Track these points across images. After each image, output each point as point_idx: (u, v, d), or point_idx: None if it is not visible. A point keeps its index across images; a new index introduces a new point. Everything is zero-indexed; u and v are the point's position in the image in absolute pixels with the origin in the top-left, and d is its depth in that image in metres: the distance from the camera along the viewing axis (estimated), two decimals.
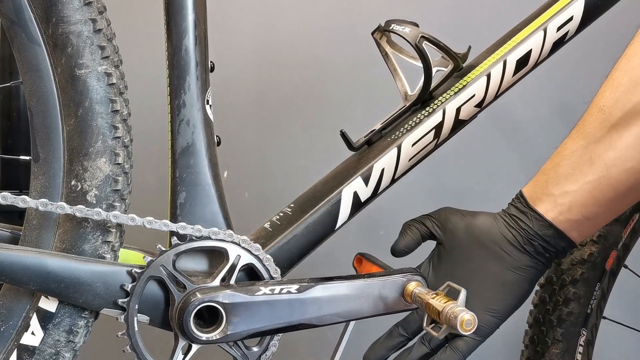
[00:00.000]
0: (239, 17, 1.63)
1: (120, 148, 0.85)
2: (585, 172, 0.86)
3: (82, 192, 0.84)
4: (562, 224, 0.88)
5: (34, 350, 0.85)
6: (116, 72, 0.85)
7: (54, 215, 0.84)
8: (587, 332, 1.05)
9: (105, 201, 0.85)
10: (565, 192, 0.87)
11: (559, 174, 0.88)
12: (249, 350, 0.89)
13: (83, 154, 0.84)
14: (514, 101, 1.50)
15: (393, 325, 0.95)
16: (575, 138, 0.88)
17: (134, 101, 0.91)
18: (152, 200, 1.13)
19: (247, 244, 0.87)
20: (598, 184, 0.85)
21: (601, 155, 0.85)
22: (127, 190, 0.88)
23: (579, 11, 0.93)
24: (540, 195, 0.89)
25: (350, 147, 0.95)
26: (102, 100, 0.83)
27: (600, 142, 0.85)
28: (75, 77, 0.83)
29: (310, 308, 0.86)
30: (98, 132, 0.84)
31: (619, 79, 0.86)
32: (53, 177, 0.84)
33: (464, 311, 0.80)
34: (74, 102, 0.83)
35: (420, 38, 0.90)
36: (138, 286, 0.84)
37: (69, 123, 0.83)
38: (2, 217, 1.01)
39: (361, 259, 0.96)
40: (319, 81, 1.63)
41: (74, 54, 0.82)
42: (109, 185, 0.85)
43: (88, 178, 0.84)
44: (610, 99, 0.85)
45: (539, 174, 0.91)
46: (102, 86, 0.83)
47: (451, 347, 0.90)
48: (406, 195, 1.44)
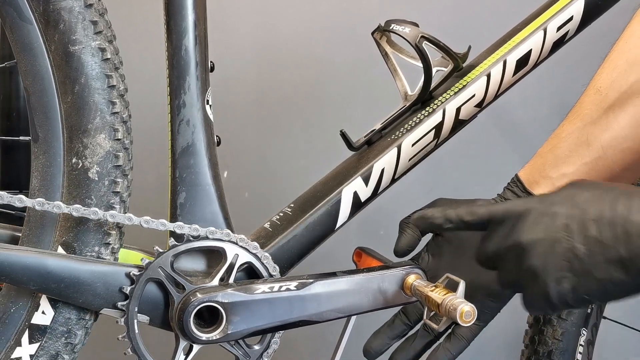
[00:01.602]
0: (239, 17, 1.63)
1: (119, 123, 0.85)
2: (582, 153, 0.86)
3: (83, 169, 0.84)
4: None
5: (45, 329, 0.85)
6: (110, 48, 0.84)
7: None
8: (587, 331, 1.05)
9: (108, 177, 0.84)
10: (562, 175, 0.87)
11: (557, 156, 0.88)
12: (250, 349, 0.89)
13: (82, 131, 0.83)
14: (514, 101, 1.50)
15: (394, 315, 0.95)
16: (572, 120, 0.88)
17: (134, 101, 0.91)
18: (152, 200, 1.13)
19: (244, 242, 0.87)
20: (595, 165, 0.86)
21: (598, 136, 0.85)
22: (129, 166, 0.87)
23: (579, 11, 0.93)
24: (537, 178, 0.89)
25: (350, 147, 0.95)
26: (97, 76, 0.83)
27: (596, 123, 0.86)
28: (69, 53, 0.82)
29: (310, 304, 0.86)
30: (96, 109, 0.83)
31: (616, 60, 0.87)
32: (54, 156, 0.84)
33: (463, 303, 0.80)
34: (70, 79, 0.83)
35: (420, 38, 0.90)
36: (137, 289, 0.84)
37: (66, 101, 0.83)
38: (2, 217, 1.01)
39: (360, 253, 0.97)
40: (319, 81, 1.63)
41: (67, 31, 0.82)
42: (110, 161, 0.84)
43: (89, 155, 0.84)
44: (607, 80, 0.86)
45: (535, 157, 0.91)
46: (97, 62, 0.83)
47: (455, 334, 0.91)
48: (406, 195, 1.44)
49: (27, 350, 0.84)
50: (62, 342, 0.85)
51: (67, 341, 0.85)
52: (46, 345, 0.85)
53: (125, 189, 0.86)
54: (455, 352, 0.91)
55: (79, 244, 0.84)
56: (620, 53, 0.86)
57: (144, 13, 1.58)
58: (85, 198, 0.84)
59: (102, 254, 0.85)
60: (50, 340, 0.85)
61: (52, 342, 0.85)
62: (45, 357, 0.85)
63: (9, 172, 1.41)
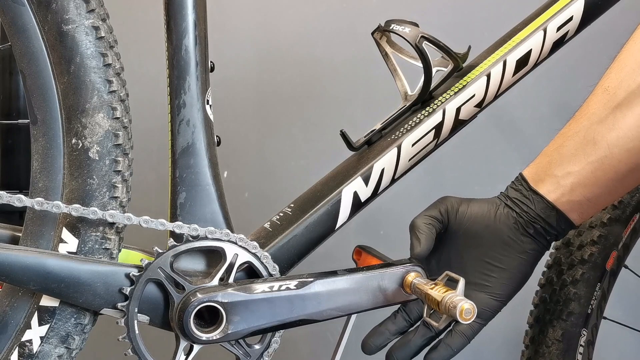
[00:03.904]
0: (239, 17, 1.63)
1: (117, 102, 0.84)
2: (588, 152, 0.86)
3: (83, 149, 0.83)
4: (563, 206, 0.88)
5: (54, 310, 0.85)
6: (104, 26, 0.84)
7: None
8: (587, 332, 1.05)
9: (108, 156, 0.84)
10: (568, 173, 0.87)
11: (562, 154, 0.88)
12: (250, 348, 0.89)
13: (80, 111, 0.83)
14: (514, 101, 1.50)
15: (394, 311, 0.95)
16: (579, 119, 0.88)
17: (134, 101, 0.91)
18: (152, 200, 1.13)
19: (244, 242, 0.87)
20: (600, 164, 0.86)
21: (604, 135, 0.85)
22: (129, 145, 0.87)
23: (578, 11, 0.93)
24: (542, 176, 0.89)
25: (350, 147, 0.94)
26: (93, 54, 0.83)
27: (603, 122, 0.86)
28: (63, 33, 0.82)
29: (310, 303, 0.86)
30: (92, 88, 0.83)
31: (625, 60, 0.86)
32: (53, 137, 0.84)
33: (463, 300, 0.80)
34: (65, 59, 0.82)
35: (420, 38, 0.90)
36: (137, 289, 0.84)
37: (62, 81, 0.83)
38: (2, 217, 1.01)
39: (360, 251, 0.96)
40: (319, 81, 1.63)
41: (59, 10, 0.82)
42: (110, 140, 0.84)
43: (88, 135, 0.83)
44: (615, 80, 0.86)
45: (540, 156, 0.91)
46: (91, 40, 0.83)
47: (456, 331, 0.91)
48: (406, 195, 1.44)
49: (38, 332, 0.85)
50: (72, 323, 0.85)
51: (77, 322, 0.85)
52: (56, 326, 0.85)
53: (127, 167, 0.86)
54: (456, 348, 0.91)
55: (82, 224, 0.84)
56: (629, 53, 0.86)
57: (144, 13, 1.58)
58: (87, 178, 0.84)
59: (107, 233, 0.85)
60: (60, 322, 0.85)
61: (62, 324, 0.85)
62: (56, 338, 0.85)
63: (9, 172, 1.41)
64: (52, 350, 0.85)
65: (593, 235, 1.03)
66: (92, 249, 0.85)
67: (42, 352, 0.84)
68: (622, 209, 1.03)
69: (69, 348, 0.86)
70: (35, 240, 0.85)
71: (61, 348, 0.85)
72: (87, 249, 0.85)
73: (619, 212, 1.03)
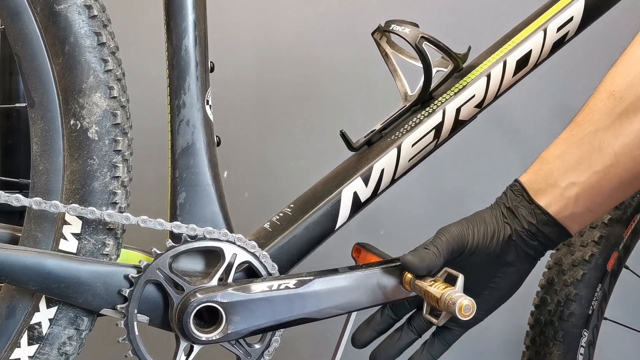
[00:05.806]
0: (239, 17, 1.63)
1: (113, 81, 0.84)
2: (594, 161, 0.83)
3: (82, 130, 0.83)
4: (565, 219, 0.85)
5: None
6: (96, 5, 0.84)
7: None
8: (588, 333, 1.05)
9: (108, 136, 0.84)
10: (572, 184, 0.84)
11: (565, 162, 0.84)
12: (251, 348, 0.89)
13: (77, 92, 0.83)
14: (514, 102, 1.50)
15: (380, 308, 0.95)
16: (582, 124, 0.84)
17: (134, 101, 0.91)
18: (152, 200, 1.13)
19: (242, 242, 0.87)
20: (606, 173, 0.83)
21: (611, 143, 0.82)
22: (128, 124, 0.86)
23: (579, 12, 0.93)
24: (543, 186, 0.86)
25: (350, 147, 0.94)
26: (86, 34, 0.82)
27: (609, 128, 0.82)
28: (56, 13, 0.81)
29: (310, 302, 0.86)
30: (88, 67, 0.83)
31: (630, 63, 0.83)
32: (51, 119, 0.83)
33: (462, 297, 0.80)
34: (59, 40, 0.82)
35: (420, 38, 0.90)
36: (136, 291, 0.84)
37: (57, 62, 0.82)
38: (2, 217, 1.01)
39: (359, 249, 0.97)
40: (319, 81, 1.63)
41: None
42: (109, 120, 0.84)
43: (86, 115, 0.83)
44: (622, 84, 0.83)
45: (540, 162, 0.87)
46: (84, 19, 0.82)
47: (437, 337, 0.91)
48: (406, 196, 1.44)
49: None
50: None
51: None
52: (64, 307, 0.85)
53: (127, 147, 0.86)
54: (436, 355, 0.92)
55: (86, 205, 0.83)
56: (634, 56, 0.83)
57: (144, 13, 1.58)
58: (87, 159, 0.83)
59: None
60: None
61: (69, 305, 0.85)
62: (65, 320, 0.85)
63: (8, 173, 1.41)
64: (61, 332, 0.85)
65: (594, 236, 1.03)
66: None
67: (51, 334, 0.85)
68: (623, 209, 1.03)
69: (79, 329, 0.85)
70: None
71: (70, 329, 0.85)
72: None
73: (620, 213, 1.03)
